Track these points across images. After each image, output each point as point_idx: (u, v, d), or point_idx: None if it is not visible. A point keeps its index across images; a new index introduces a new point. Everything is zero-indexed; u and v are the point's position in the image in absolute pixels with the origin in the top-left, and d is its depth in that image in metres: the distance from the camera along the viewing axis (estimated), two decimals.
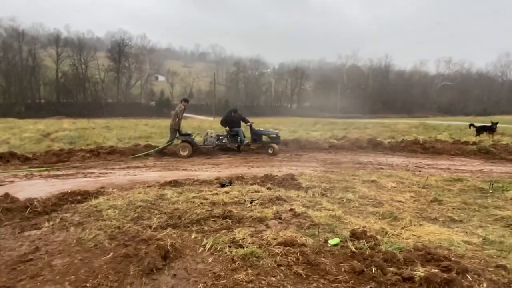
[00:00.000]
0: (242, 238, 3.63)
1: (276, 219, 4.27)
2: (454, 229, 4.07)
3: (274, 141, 10.96)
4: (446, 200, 5.23)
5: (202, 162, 9.14)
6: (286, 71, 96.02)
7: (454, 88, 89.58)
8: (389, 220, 4.34)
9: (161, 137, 14.18)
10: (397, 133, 16.99)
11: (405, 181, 6.54)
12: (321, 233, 3.85)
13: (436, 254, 3.14)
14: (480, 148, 10.98)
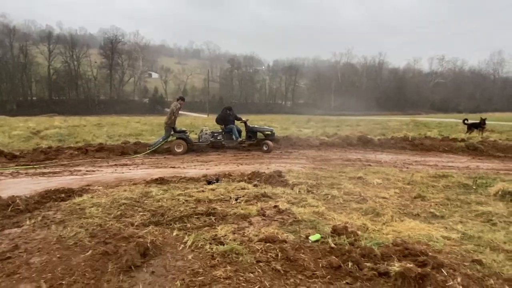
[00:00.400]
0: (224, 235, 3.65)
1: (260, 216, 4.29)
2: (434, 224, 4.12)
3: (269, 138, 10.98)
4: (430, 196, 5.28)
5: (192, 159, 9.13)
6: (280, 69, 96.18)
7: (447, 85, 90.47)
8: (372, 216, 4.38)
9: (151, 134, 14.13)
10: (388, 130, 17.11)
11: (391, 178, 6.59)
12: (303, 230, 3.88)
13: (414, 249, 3.17)
14: (468, 145, 11.09)
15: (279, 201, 4.82)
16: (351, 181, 6.28)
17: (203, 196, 5.00)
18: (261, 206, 4.62)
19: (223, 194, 5.14)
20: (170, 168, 7.85)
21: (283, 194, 5.24)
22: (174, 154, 9.93)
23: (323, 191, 5.50)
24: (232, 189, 5.46)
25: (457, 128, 19.05)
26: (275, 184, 5.90)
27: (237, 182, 5.96)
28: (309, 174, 6.90)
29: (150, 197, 4.99)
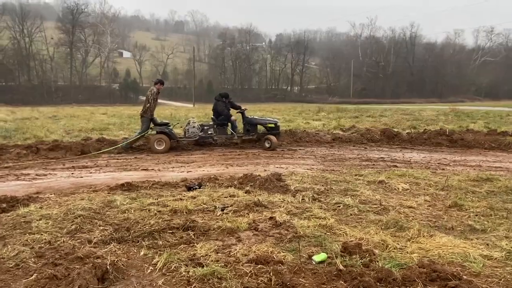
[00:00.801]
0: (205, 255, 3.66)
1: (251, 231, 4.30)
2: (472, 240, 4.11)
3: (272, 132, 11.00)
4: (468, 205, 5.28)
5: (169, 159, 9.15)
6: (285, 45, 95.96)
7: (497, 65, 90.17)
8: (394, 230, 4.37)
9: (120, 128, 14.14)
10: (420, 122, 17.13)
11: (420, 182, 6.61)
12: (305, 247, 3.88)
13: (443, 272, 3.17)
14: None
15: (277, 212, 4.83)
16: (369, 187, 6.31)
17: (181, 205, 5.02)
18: (253, 218, 4.64)
19: (206, 203, 5.16)
20: (141, 171, 7.87)
21: (282, 203, 5.26)
22: (154, 152, 9.98)
23: (333, 199, 5.52)
24: (218, 196, 5.49)
25: (508, 119, 19.06)
26: (272, 190, 5.91)
27: (225, 188, 5.99)
28: (316, 177, 6.92)
29: (113, 208, 5.00)
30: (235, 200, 5.30)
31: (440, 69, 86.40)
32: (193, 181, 6.44)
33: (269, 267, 3.37)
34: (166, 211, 4.86)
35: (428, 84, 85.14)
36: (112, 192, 5.87)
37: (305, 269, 3.39)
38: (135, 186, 6.10)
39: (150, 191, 5.88)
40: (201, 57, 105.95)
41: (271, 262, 3.47)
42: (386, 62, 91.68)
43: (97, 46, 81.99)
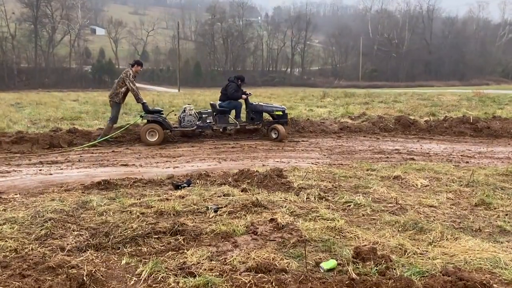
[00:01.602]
0: (197, 263, 3.66)
1: (249, 235, 4.31)
2: (503, 244, 4.14)
3: (280, 120, 11.05)
4: (497, 203, 5.32)
5: (152, 153, 9.14)
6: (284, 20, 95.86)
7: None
8: (412, 232, 4.39)
9: (94, 117, 14.07)
10: (440, 108, 17.17)
11: (442, 177, 6.65)
12: (312, 253, 3.89)
13: (471, 280, 3.18)
14: None
15: (278, 213, 4.83)
16: (383, 183, 6.33)
17: (168, 206, 5.01)
18: (251, 220, 4.64)
19: (197, 204, 5.15)
20: (120, 167, 7.86)
21: (284, 203, 5.27)
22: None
23: (342, 198, 5.54)
24: (210, 196, 5.49)
25: None
26: (272, 188, 5.93)
27: (218, 186, 5.99)
28: (322, 173, 6.93)
29: (89, 209, 4.98)
30: (230, 199, 5.30)
31: (461, 47, 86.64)
32: (181, 178, 6.44)
33: (271, 276, 3.37)
34: (150, 213, 4.85)
35: (447, 65, 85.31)
36: (87, 191, 5.83)
37: (313, 278, 3.39)
38: (113, 184, 6.08)
39: (131, 190, 5.86)
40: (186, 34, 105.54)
41: (273, 271, 3.47)
42: (400, 39, 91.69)
43: (66, 22, 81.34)
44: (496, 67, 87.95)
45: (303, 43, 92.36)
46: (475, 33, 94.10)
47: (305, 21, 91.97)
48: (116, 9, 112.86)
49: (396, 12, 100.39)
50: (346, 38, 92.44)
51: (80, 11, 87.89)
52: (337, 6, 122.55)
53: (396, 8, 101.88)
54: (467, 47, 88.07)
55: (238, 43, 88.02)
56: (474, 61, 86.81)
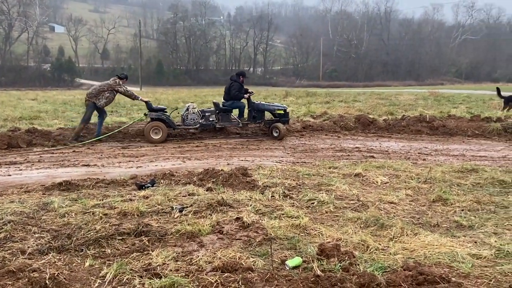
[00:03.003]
0: (162, 264, 3.63)
1: (214, 234, 4.30)
2: (460, 238, 4.27)
3: (281, 119, 11.14)
4: (454, 199, 5.49)
5: (115, 153, 8.97)
6: (246, 20, 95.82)
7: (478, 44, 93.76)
8: (374, 228, 4.48)
9: (54, 117, 13.70)
10: (398, 107, 17.58)
11: (401, 174, 6.80)
12: (277, 251, 3.91)
13: (431, 274, 3.26)
14: (506, 127, 11.60)
15: (244, 211, 4.84)
16: (345, 180, 6.43)
17: (131, 207, 4.93)
18: (217, 219, 4.63)
19: (161, 204, 5.10)
20: (82, 167, 7.69)
21: (250, 201, 5.28)
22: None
23: (306, 195, 5.60)
24: (174, 195, 5.44)
25: (491, 103, 19.87)
26: (238, 187, 5.93)
27: (183, 185, 5.95)
28: (287, 171, 6.98)
29: (50, 211, 4.87)
30: (195, 199, 5.26)
31: (417, 48, 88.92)
32: (144, 178, 6.35)
33: (237, 275, 3.37)
34: (113, 214, 4.77)
35: (404, 65, 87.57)
36: (48, 192, 5.71)
37: (279, 276, 3.41)
38: (75, 185, 5.95)
39: (94, 191, 5.75)
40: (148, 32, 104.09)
41: (240, 270, 3.46)
42: (359, 40, 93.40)
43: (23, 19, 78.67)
44: (450, 67, 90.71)
45: (265, 43, 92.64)
46: (430, 35, 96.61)
47: (267, 21, 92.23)
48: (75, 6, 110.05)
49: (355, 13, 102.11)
50: (307, 39, 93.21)
51: (38, 8, 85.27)
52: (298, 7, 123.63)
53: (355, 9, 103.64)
54: (423, 48, 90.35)
55: (200, 42, 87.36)
56: (429, 61, 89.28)
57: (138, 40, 68.48)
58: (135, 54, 75.05)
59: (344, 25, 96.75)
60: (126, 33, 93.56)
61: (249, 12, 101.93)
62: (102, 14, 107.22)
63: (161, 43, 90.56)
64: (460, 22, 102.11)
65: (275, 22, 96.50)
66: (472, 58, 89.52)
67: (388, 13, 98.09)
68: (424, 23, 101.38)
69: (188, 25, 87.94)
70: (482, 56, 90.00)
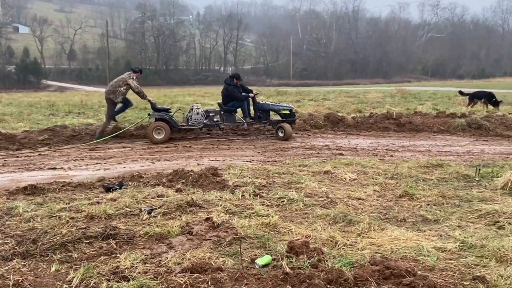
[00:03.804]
0: (130, 266, 3.58)
1: (184, 235, 4.27)
2: (425, 232, 4.36)
3: (288, 119, 11.11)
4: (419, 194, 5.60)
5: (82, 155, 8.81)
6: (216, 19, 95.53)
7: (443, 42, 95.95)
8: (342, 225, 4.53)
9: (19, 119, 13.36)
10: (366, 105, 17.84)
11: (369, 171, 6.91)
12: (247, 250, 3.91)
13: (397, 268, 3.32)
14: (470, 122, 11.92)
15: (214, 212, 4.82)
16: (315, 178, 6.49)
17: (99, 210, 4.85)
18: (186, 220, 4.60)
19: (130, 206, 5.03)
20: (47, 170, 7.52)
21: (220, 201, 5.26)
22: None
23: (276, 194, 5.62)
24: (143, 197, 5.37)
25: (456, 99, 20.38)
26: (208, 187, 5.91)
27: (152, 187, 5.88)
28: (257, 170, 6.99)
29: (15, 216, 4.76)
30: (164, 200, 5.21)
31: (384, 46, 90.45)
32: (112, 181, 6.25)
33: (206, 276, 3.36)
34: (80, 217, 4.68)
35: (372, 63, 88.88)
36: (12, 197, 5.57)
37: (248, 274, 3.41)
38: (40, 189, 5.81)
39: (60, 195, 5.63)
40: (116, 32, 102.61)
41: (209, 270, 3.45)
42: (328, 39, 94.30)
43: None
44: (416, 65, 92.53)
45: (235, 42, 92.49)
46: (397, 33, 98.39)
47: (236, 20, 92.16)
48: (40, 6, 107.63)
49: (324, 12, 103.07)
50: (276, 38, 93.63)
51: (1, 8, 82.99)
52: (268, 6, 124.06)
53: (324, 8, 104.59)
54: (390, 46, 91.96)
55: (169, 41, 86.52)
56: (396, 59, 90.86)
57: (106, 40, 67.45)
58: (103, 54, 73.88)
59: (313, 24, 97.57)
60: (93, 33, 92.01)
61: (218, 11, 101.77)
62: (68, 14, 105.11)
63: (129, 43, 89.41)
64: (425, 21, 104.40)
65: (244, 21, 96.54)
66: (438, 56, 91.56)
67: (356, 12, 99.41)
68: (391, 21, 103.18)
69: (157, 25, 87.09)
70: (447, 54, 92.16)
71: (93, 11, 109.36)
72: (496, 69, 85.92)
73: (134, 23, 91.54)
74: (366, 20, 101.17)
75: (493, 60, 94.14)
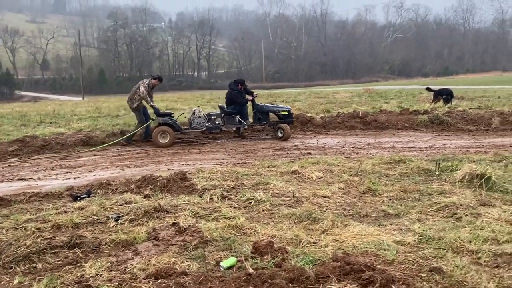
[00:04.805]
0: (95, 275, 3.50)
1: (150, 241, 4.19)
2: (386, 226, 4.40)
3: (285, 120, 11.20)
4: (382, 190, 5.65)
5: (52, 165, 8.59)
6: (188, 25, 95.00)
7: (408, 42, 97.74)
8: (307, 223, 4.53)
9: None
10: (334, 105, 17.96)
11: (334, 169, 6.94)
12: (213, 253, 3.87)
13: (357, 264, 3.34)
14: (432, 118, 12.14)
15: (181, 216, 4.76)
16: (282, 178, 6.48)
17: (66, 219, 4.71)
18: (153, 225, 4.52)
19: (97, 214, 4.91)
20: (16, 181, 7.28)
21: (188, 205, 5.19)
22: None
23: (244, 195, 5.58)
24: (111, 205, 5.25)
25: (420, 97, 20.74)
26: (176, 192, 5.82)
27: (120, 194, 5.77)
28: (226, 173, 6.94)
29: None
30: (131, 207, 5.10)
31: (352, 48, 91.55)
32: (80, 189, 6.11)
33: (171, 281, 3.31)
34: (47, 227, 4.54)
35: (341, 65, 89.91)
36: None
37: (212, 277, 3.37)
38: (7, 200, 5.61)
39: (27, 205, 5.45)
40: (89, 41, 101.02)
41: (174, 275, 3.40)
42: (298, 42, 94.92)
43: None
44: (383, 65, 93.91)
45: (208, 48, 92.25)
46: (364, 35, 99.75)
47: (208, 26, 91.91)
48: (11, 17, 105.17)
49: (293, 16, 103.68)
50: (248, 42, 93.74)
51: None
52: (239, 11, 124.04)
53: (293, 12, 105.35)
54: (358, 47, 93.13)
55: (142, 48, 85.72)
56: (364, 60, 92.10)
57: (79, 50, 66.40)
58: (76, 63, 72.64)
59: (283, 28, 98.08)
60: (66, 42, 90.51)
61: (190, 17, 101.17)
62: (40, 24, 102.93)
63: (103, 51, 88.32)
64: (390, 22, 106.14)
65: (216, 26, 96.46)
66: (404, 56, 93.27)
67: (324, 16, 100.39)
68: (358, 24, 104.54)
69: (129, 32, 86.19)
70: (412, 53, 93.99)
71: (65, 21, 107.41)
72: (459, 67, 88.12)
73: (106, 32, 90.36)
74: (334, 23, 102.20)
75: (456, 58, 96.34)
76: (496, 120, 11.96)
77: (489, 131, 11.35)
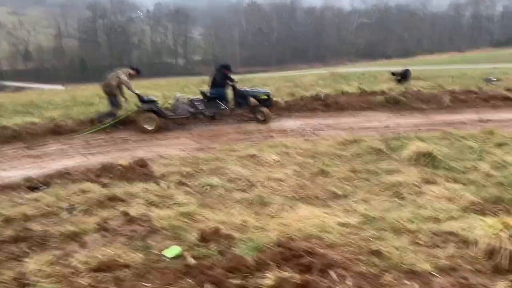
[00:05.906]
0: (38, 271, 3.23)
1: (99, 232, 3.93)
2: (333, 208, 4.23)
3: (265, 104, 10.78)
4: (333, 171, 5.49)
5: (19, 154, 8.14)
6: (165, 15, 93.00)
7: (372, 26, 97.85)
8: (257, 208, 4.34)
9: None
10: (299, 88, 17.68)
11: (291, 151, 6.72)
12: (160, 243, 3.65)
13: (297, 249, 3.16)
14: (388, 99, 12.01)
15: (134, 205, 4.50)
16: (240, 162, 6.24)
17: (17, 212, 4.41)
18: (106, 215, 4.26)
19: (51, 205, 4.62)
20: None
21: (143, 193, 4.92)
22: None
23: (202, 181, 5.33)
24: (67, 195, 4.95)
25: (381, 78, 20.60)
26: (135, 180, 5.53)
27: (79, 183, 5.44)
28: (186, 159, 6.67)
29: None
30: (87, 197, 4.81)
31: (321, 33, 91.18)
32: (40, 180, 5.74)
33: (112, 274, 3.09)
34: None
35: (311, 49, 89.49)
36: None
37: (156, 268, 3.16)
38: None
39: None
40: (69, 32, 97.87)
41: (116, 267, 3.17)
42: (270, 29, 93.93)
43: None
44: (350, 49, 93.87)
45: (184, 36, 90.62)
46: (331, 21, 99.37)
47: (184, 15, 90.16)
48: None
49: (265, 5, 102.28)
50: (223, 30, 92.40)
51: None
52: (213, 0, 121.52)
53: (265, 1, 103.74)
54: (326, 33, 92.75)
55: (122, 38, 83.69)
56: (332, 45, 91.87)
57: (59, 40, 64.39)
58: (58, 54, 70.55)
59: (256, 15, 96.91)
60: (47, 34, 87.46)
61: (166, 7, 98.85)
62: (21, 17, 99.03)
63: (83, 42, 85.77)
64: (356, 8, 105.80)
65: (192, 15, 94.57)
66: (368, 39, 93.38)
67: (293, 3, 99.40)
68: (326, 10, 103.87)
69: (108, 23, 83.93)
70: (376, 37, 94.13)
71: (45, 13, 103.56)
72: (418, 48, 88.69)
73: (86, 22, 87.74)
74: (303, 9, 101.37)
75: (416, 40, 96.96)
76: (447, 99, 11.92)
77: (441, 110, 11.31)
